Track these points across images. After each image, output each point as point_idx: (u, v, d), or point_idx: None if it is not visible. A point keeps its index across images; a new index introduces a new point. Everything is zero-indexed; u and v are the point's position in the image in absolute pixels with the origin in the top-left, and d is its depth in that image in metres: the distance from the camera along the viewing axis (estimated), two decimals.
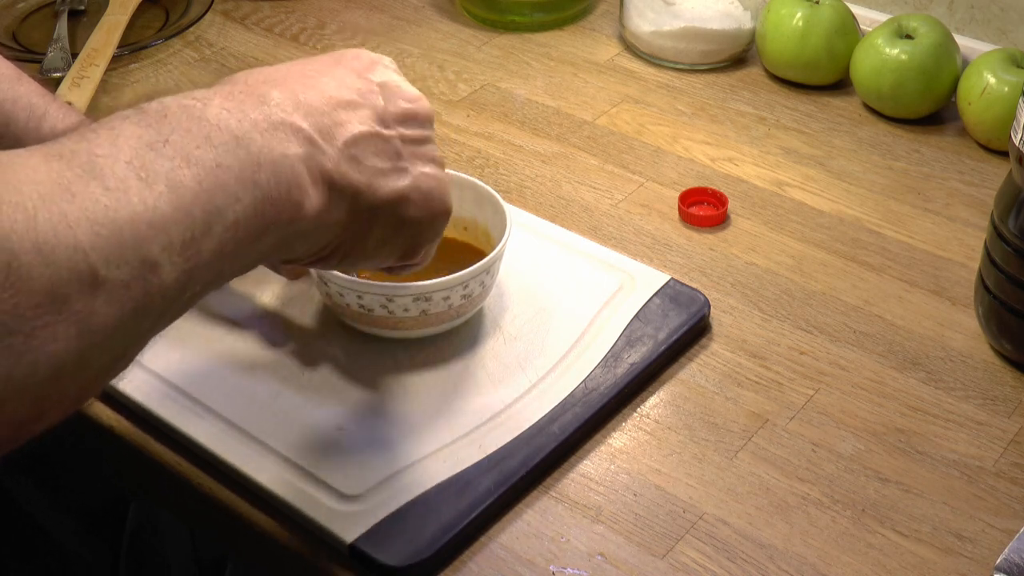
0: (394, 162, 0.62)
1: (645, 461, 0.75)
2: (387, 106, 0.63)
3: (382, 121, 0.62)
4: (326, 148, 0.58)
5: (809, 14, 1.07)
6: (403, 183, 0.62)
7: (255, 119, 0.55)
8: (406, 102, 0.64)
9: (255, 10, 1.24)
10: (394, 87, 0.64)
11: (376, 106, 0.62)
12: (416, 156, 0.64)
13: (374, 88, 0.63)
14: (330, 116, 0.59)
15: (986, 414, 0.78)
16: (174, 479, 0.74)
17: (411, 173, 0.63)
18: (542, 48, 1.18)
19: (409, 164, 0.63)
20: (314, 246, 0.60)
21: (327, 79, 0.61)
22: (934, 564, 0.68)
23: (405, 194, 0.62)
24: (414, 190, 0.63)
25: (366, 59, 0.65)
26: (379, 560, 0.67)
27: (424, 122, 0.65)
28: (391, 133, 0.62)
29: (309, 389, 0.77)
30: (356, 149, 0.60)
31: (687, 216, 0.94)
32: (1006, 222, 0.77)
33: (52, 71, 1.10)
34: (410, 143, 0.63)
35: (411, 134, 0.64)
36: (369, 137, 0.61)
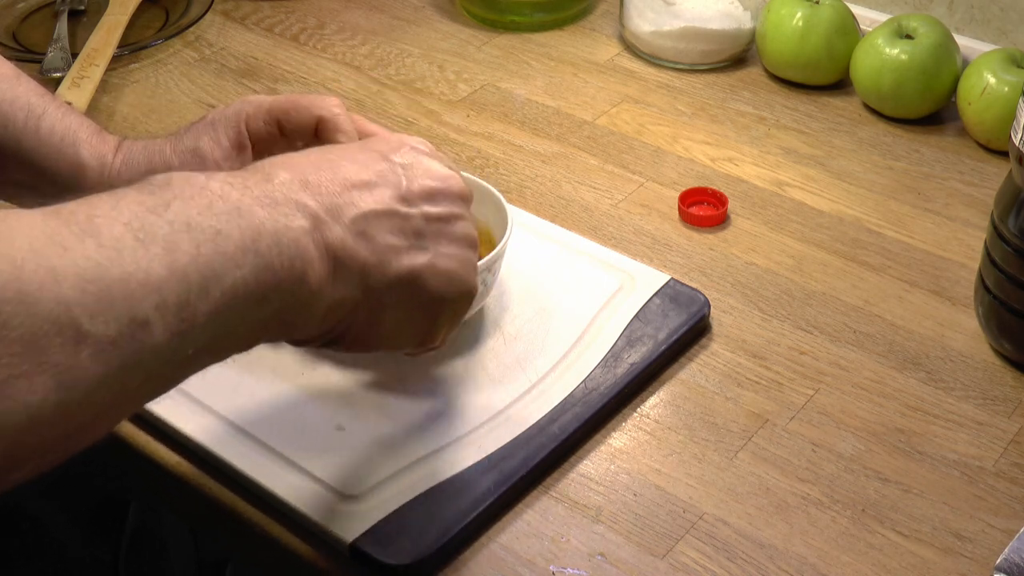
0: (412, 240, 0.61)
1: (645, 461, 0.75)
2: (410, 185, 0.62)
3: (403, 199, 0.61)
4: (332, 224, 0.57)
5: (809, 14, 1.07)
6: (419, 261, 0.61)
7: (258, 194, 0.55)
8: (433, 181, 0.63)
9: (255, 10, 1.24)
10: (423, 167, 0.63)
11: (397, 185, 0.61)
12: (441, 235, 0.62)
13: (397, 169, 0.62)
14: (341, 196, 0.58)
15: (986, 414, 0.78)
16: (174, 479, 0.74)
17: (431, 251, 0.61)
18: (542, 48, 1.18)
19: (431, 243, 0.62)
20: (323, 324, 0.59)
21: (346, 163, 0.60)
22: (934, 564, 0.68)
23: (420, 272, 0.61)
24: (431, 269, 0.61)
25: (395, 142, 0.64)
26: (379, 560, 0.67)
27: (454, 200, 0.63)
28: (412, 211, 0.61)
29: (309, 389, 0.77)
30: (367, 225, 0.59)
31: (687, 216, 0.94)
32: (1006, 222, 0.77)
33: (52, 71, 1.10)
34: (435, 221, 0.62)
35: (437, 212, 0.62)
36: (383, 214, 0.59)
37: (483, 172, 1.00)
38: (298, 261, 0.55)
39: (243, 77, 1.13)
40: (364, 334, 0.61)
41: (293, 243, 0.54)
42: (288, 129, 0.73)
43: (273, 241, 0.54)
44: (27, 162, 0.76)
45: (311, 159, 0.60)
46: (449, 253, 0.62)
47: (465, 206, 0.64)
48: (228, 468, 0.72)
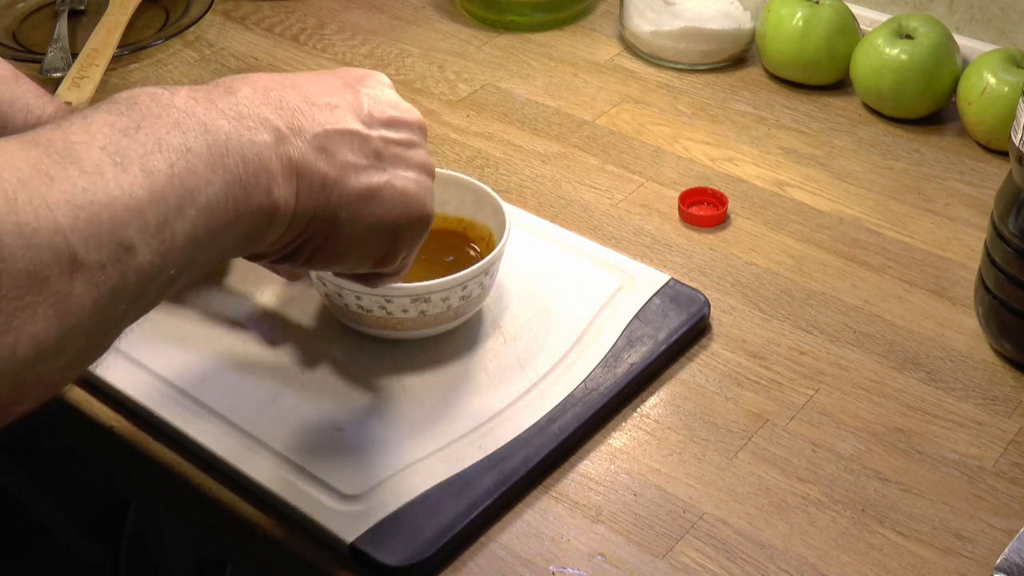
0: (372, 160, 0.62)
1: (645, 461, 0.75)
2: (371, 110, 0.63)
3: (363, 122, 0.62)
4: (293, 139, 0.58)
5: (809, 14, 1.07)
6: (377, 180, 0.62)
7: (221, 108, 0.55)
8: (394, 110, 0.64)
9: (255, 10, 1.24)
10: (384, 98, 0.65)
11: (359, 109, 0.63)
12: (400, 158, 0.64)
13: (360, 96, 0.63)
14: (303, 113, 0.59)
15: (986, 414, 0.78)
16: (174, 479, 0.74)
17: (388, 173, 0.63)
18: (542, 48, 1.18)
19: (389, 165, 0.63)
20: (283, 237, 0.59)
21: (309, 85, 0.62)
22: (934, 564, 0.68)
23: (377, 191, 0.62)
24: (389, 188, 0.63)
25: (357, 73, 0.66)
26: (379, 560, 0.67)
27: (413, 128, 0.65)
28: (372, 133, 0.62)
29: (309, 389, 0.77)
30: (327, 142, 0.60)
31: (687, 216, 0.94)
32: (1006, 222, 0.77)
33: (52, 71, 1.10)
34: (394, 145, 0.63)
35: (396, 137, 0.64)
36: (344, 133, 0.61)
37: (483, 172, 1.00)
38: (263, 175, 0.56)
39: None
40: (321, 249, 0.62)
41: (257, 157, 0.55)
42: None
43: (239, 156, 0.54)
44: None
45: (274, 79, 0.61)
46: (406, 176, 0.64)
47: (423, 137, 0.66)
48: (228, 467, 0.72)
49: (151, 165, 0.50)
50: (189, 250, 0.52)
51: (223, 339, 0.81)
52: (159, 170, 0.50)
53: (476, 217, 0.84)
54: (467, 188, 0.84)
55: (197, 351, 0.79)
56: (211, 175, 0.53)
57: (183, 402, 0.76)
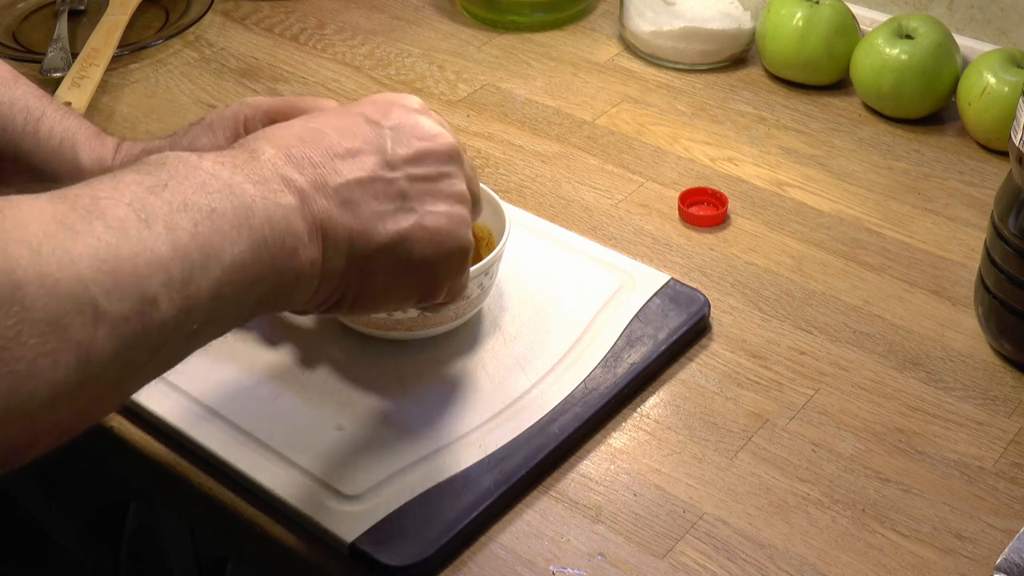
0: (398, 203, 0.62)
1: (645, 461, 0.75)
2: (395, 148, 0.63)
3: (387, 164, 0.62)
4: (317, 197, 0.58)
5: (809, 14, 1.07)
6: (405, 224, 0.62)
7: (247, 173, 0.56)
8: (420, 141, 0.64)
9: (255, 10, 1.24)
10: (410, 127, 0.64)
11: (382, 149, 0.62)
12: (428, 194, 0.63)
13: (384, 133, 0.63)
14: (325, 167, 0.59)
15: (986, 414, 0.78)
16: (174, 479, 0.74)
17: (417, 212, 0.62)
18: (542, 48, 1.18)
19: (417, 204, 0.62)
20: (318, 294, 0.60)
21: (330, 131, 0.61)
22: (934, 564, 0.68)
23: (407, 234, 0.62)
24: (418, 229, 0.62)
25: (382, 103, 0.65)
26: (379, 560, 0.67)
27: (442, 159, 0.64)
28: (395, 175, 0.62)
29: (309, 389, 0.77)
30: (351, 194, 0.60)
31: (687, 216, 0.94)
32: (1006, 222, 0.77)
33: (52, 71, 1.10)
34: (420, 182, 0.63)
35: (422, 172, 0.63)
36: (366, 181, 0.61)
37: (483, 172, 1.00)
38: (289, 237, 0.56)
39: (243, 77, 1.13)
40: (360, 298, 0.63)
41: (283, 220, 0.56)
42: None
43: (264, 218, 0.55)
44: (26, 165, 0.76)
45: (295, 131, 0.61)
46: (437, 211, 0.63)
47: (454, 163, 0.65)
48: (228, 468, 0.72)
49: (176, 223, 0.51)
50: (213, 307, 0.53)
51: (223, 339, 0.80)
52: (184, 228, 0.52)
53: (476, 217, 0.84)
54: None
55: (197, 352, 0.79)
56: (236, 235, 0.54)
57: (183, 402, 0.76)
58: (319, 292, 0.60)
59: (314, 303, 0.61)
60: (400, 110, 0.65)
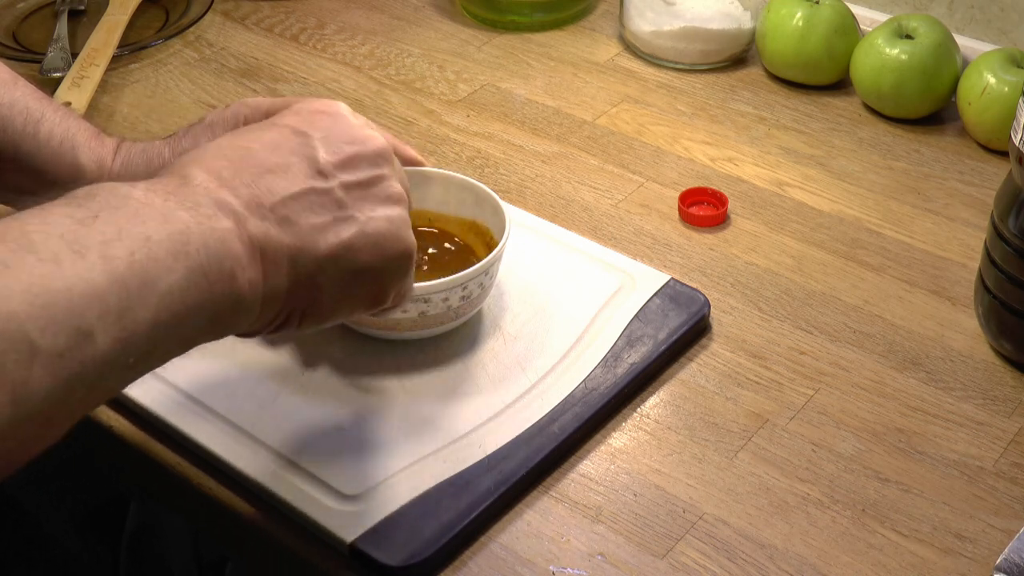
0: (335, 212, 0.60)
1: (645, 461, 0.75)
2: (326, 156, 0.61)
3: (319, 173, 0.61)
4: (252, 218, 0.57)
5: (809, 14, 1.07)
6: (346, 233, 0.60)
7: (180, 199, 0.55)
8: (350, 145, 0.62)
9: (255, 10, 1.24)
10: (338, 133, 0.63)
11: (312, 159, 0.61)
12: (365, 200, 0.62)
13: (311, 142, 0.61)
14: (256, 185, 0.58)
15: (986, 414, 0.78)
16: (174, 479, 0.74)
17: (357, 220, 0.61)
18: (542, 48, 1.18)
19: (356, 211, 0.61)
20: (262, 316, 0.59)
21: (257, 147, 0.60)
22: (934, 564, 0.68)
23: (349, 243, 0.61)
24: (360, 237, 0.61)
25: (307, 112, 0.64)
26: (379, 560, 0.67)
27: (374, 160, 0.63)
28: (329, 184, 0.61)
29: (309, 389, 0.77)
30: (287, 210, 0.58)
31: (687, 216, 0.94)
32: (1006, 222, 0.77)
33: (52, 71, 1.10)
34: (356, 188, 0.62)
35: (355, 178, 0.62)
36: (300, 195, 0.59)
37: (483, 172, 1.00)
38: (227, 261, 0.55)
39: (243, 77, 1.13)
40: (308, 314, 0.61)
41: (220, 244, 0.55)
42: None
43: (201, 243, 0.54)
44: (26, 166, 0.76)
45: (224, 151, 0.60)
46: (376, 216, 0.62)
47: (387, 164, 0.64)
48: (228, 467, 0.72)
49: (110, 252, 0.50)
50: (151, 337, 0.52)
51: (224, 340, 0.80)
52: (119, 257, 0.50)
53: (476, 217, 0.84)
54: (467, 188, 0.84)
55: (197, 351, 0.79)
56: (173, 263, 0.52)
57: (183, 402, 0.76)
58: (263, 314, 0.59)
59: (260, 324, 0.60)
60: (325, 117, 0.63)
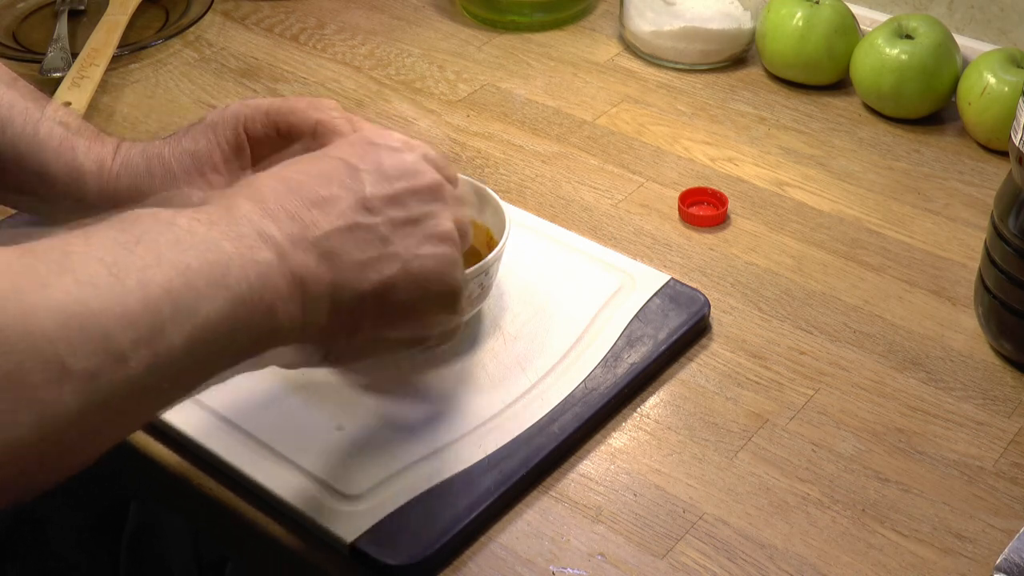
0: (380, 249, 0.60)
1: (645, 461, 0.75)
2: (374, 190, 0.60)
3: (366, 209, 0.60)
4: (295, 251, 0.56)
5: (809, 14, 1.07)
6: (389, 271, 0.60)
7: (224, 229, 0.54)
8: (400, 180, 0.61)
9: (255, 10, 1.24)
10: (389, 167, 0.62)
11: (359, 193, 0.60)
12: (411, 237, 0.61)
13: (361, 176, 0.60)
14: (302, 218, 0.57)
15: (986, 414, 0.78)
16: (174, 479, 0.74)
17: (401, 257, 0.60)
18: (542, 48, 1.18)
19: (400, 248, 0.60)
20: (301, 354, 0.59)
21: (306, 179, 0.59)
22: (934, 564, 0.68)
23: (392, 282, 0.60)
24: (403, 276, 0.60)
25: (360, 144, 0.63)
26: (379, 560, 0.67)
27: (424, 197, 0.62)
28: (375, 220, 0.60)
29: (309, 389, 0.77)
30: (330, 244, 0.58)
31: (687, 216, 0.94)
32: (1006, 222, 0.77)
33: (52, 71, 1.10)
34: (403, 225, 0.61)
35: (404, 215, 0.61)
36: (345, 230, 0.59)
37: (483, 172, 1.00)
38: (267, 294, 0.55)
39: (243, 77, 1.13)
40: (349, 350, 0.61)
41: (261, 277, 0.54)
42: (286, 132, 0.73)
43: (241, 275, 0.53)
44: (26, 167, 0.76)
45: (271, 183, 0.59)
46: (422, 254, 0.61)
47: (438, 200, 0.63)
48: (228, 468, 0.72)
49: (148, 278, 0.50)
50: (185, 364, 0.51)
51: None
52: (156, 283, 0.50)
53: (476, 217, 0.84)
54: (467, 188, 0.84)
55: None
56: (212, 293, 0.52)
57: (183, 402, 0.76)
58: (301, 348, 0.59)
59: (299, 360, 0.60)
60: (378, 150, 0.62)
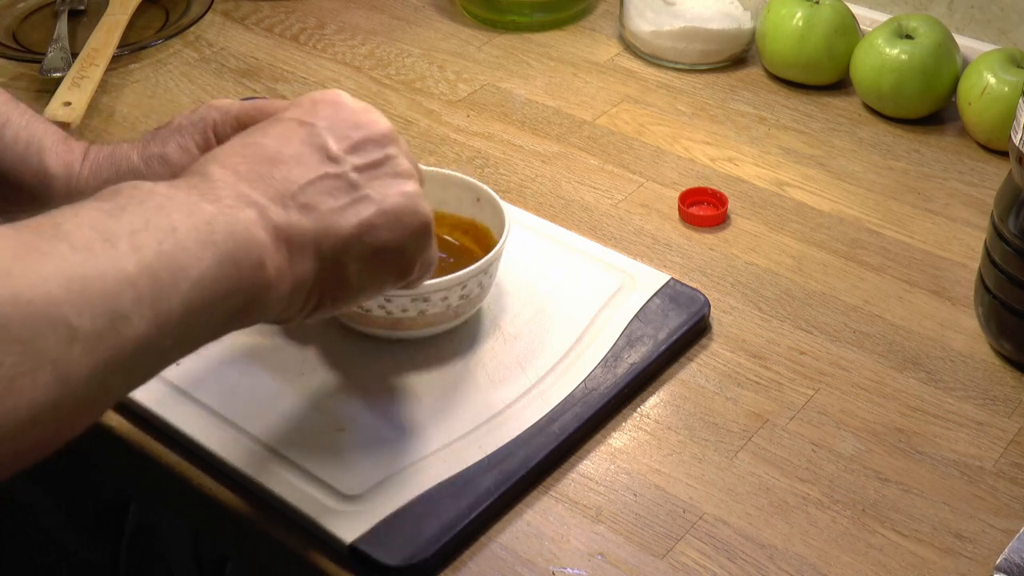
0: (351, 194, 0.62)
1: (645, 461, 0.75)
2: (334, 142, 0.63)
3: (330, 159, 0.62)
4: (274, 207, 0.59)
5: (809, 14, 1.07)
6: (365, 212, 0.62)
7: (201, 192, 0.57)
8: (356, 129, 0.64)
9: (255, 10, 1.24)
10: (342, 119, 0.65)
11: (322, 147, 0.63)
12: (378, 179, 0.64)
13: (318, 130, 0.63)
14: (273, 176, 0.60)
15: (986, 414, 0.78)
16: (174, 479, 0.74)
17: (374, 199, 0.63)
18: (542, 48, 1.18)
19: (371, 190, 0.63)
20: (295, 303, 0.61)
21: (268, 141, 0.62)
22: (934, 564, 0.68)
23: (369, 222, 0.62)
24: (379, 215, 0.63)
25: (308, 103, 0.65)
26: (379, 560, 0.67)
27: (380, 141, 0.65)
28: (341, 168, 0.62)
29: (309, 389, 0.77)
30: (305, 197, 0.60)
31: (687, 216, 0.94)
32: (1006, 222, 0.77)
33: (52, 71, 1.09)
34: (368, 168, 0.64)
35: (365, 160, 0.64)
36: (317, 181, 0.61)
37: (483, 172, 1.00)
38: (254, 250, 0.57)
39: (243, 77, 1.13)
40: (340, 294, 0.63)
41: (245, 232, 0.56)
42: None
43: (227, 233, 0.56)
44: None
45: (235, 148, 0.62)
46: (391, 193, 0.64)
47: (393, 143, 0.66)
48: (228, 468, 0.72)
49: (139, 242, 0.52)
50: (185, 322, 0.54)
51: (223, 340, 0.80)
52: (148, 246, 0.52)
53: (476, 217, 0.84)
54: (467, 188, 0.84)
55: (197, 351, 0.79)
56: (201, 251, 0.54)
57: (183, 402, 0.76)
58: (294, 299, 0.60)
59: (293, 310, 0.62)
60: (327, 105, 0.65)
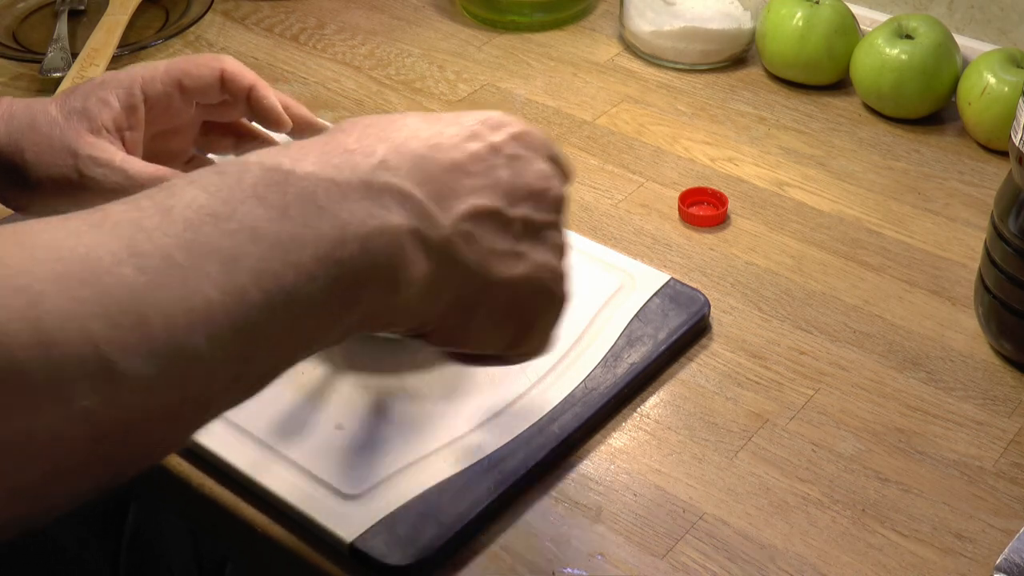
0: (511, 245, 0.56)
1: (645, 461, 0.75)
2: (513, 180, 0.56)
3: (507, 198, 0.55)
4: (439, 216, 0.51)
5: (809, 14, 1.07)
6: (518, 271, 0.56)
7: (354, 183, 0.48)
8: (539, 180, 0.57)
9: (255, 10, 1.24)
10: (525, 159, 0.57)
11: (500, 179, 0.55)
12: (539, 242, 0.57)
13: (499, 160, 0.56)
14: (446, 182, 0.53)
15: (986, 414, 0.78)
16: (174, 479, 0.74)
17: (528, 260, 0.57)
18: (542, 48, 1.18)
19: (528, 250, 0.57)
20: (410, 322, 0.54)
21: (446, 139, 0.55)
22: (934, 564, 0.68)
23: (517, 283, 0.56)
24: (526, 280, 0.57)
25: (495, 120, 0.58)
26: (379, 560, 0.67)
27: (552, 205, 0.58)
28: (515, 214, 0.56)
29: (309, 389, 0.77)
30: (473, 225, 0.53)
31: (687, 216, 0.94)
32: (1006, 222, 0.77)
33: (52, 71, 1.09)
34: (534, 227, 0.57)
35: (536, 217, 0.57)
36: (489, 214, 0.54)
37: None
38: (394, 259, 0.49)
39: None
40: (451, 334, 0.57)
41: (387, 245, 0.49)
42: (189, 87, 0.73)
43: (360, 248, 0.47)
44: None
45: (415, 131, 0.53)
46: (543, 263, 0.58)
47: (561, 214, 0.59)
48: (228, 468, 0.72)
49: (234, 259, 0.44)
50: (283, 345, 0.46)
51: None
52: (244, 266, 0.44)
53: None
54: None
55: None
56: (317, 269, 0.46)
57: None
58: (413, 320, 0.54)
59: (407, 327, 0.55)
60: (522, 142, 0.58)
